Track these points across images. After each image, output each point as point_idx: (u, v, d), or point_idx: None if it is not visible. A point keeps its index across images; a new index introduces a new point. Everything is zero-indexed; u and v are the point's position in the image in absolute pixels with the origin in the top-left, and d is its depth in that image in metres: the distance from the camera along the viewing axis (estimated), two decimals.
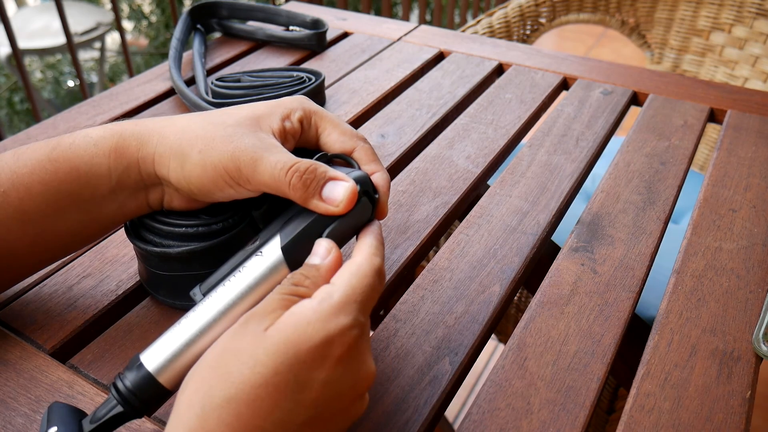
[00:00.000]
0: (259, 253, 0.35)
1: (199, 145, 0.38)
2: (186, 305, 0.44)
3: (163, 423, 0.37)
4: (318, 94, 0.70)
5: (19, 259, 0.40)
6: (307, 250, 0.35)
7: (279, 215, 0.38)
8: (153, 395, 0.32)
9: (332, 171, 0.37)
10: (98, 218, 0.41)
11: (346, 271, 0.33)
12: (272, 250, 0.35)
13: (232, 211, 0.43)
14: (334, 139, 0.41)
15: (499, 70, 0.81)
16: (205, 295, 0.35)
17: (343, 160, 0.41)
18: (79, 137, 0.40)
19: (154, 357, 0.32)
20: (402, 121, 0.68)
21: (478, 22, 1.08)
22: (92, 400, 0.38)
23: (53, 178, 0.39)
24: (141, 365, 0.32)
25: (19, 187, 0.38)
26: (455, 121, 0.68)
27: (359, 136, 0.42)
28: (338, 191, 0.36)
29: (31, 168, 0.39)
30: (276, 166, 0.36)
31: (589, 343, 0.43)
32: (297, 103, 0.42)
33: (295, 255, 0.35)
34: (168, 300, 0.45)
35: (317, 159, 0.40)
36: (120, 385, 0.32)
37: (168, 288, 0.44)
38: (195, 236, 0.42)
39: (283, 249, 0.35)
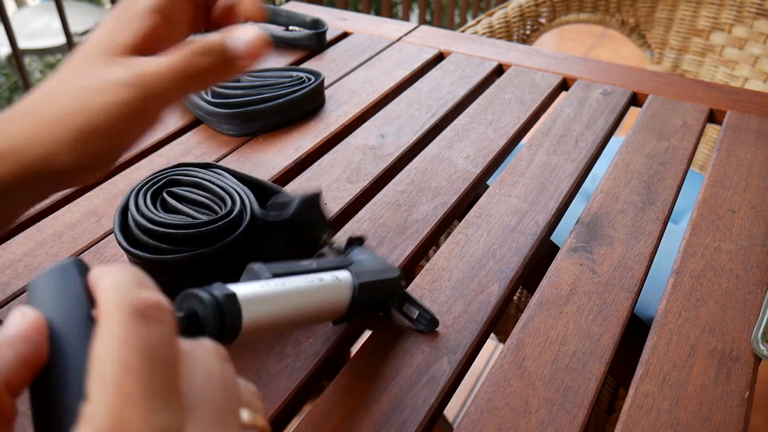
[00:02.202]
0: (336, 279, 0.38)
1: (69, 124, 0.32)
2: None
3: None
4: (318, 94, 0.70)
5: None
6: (366, 299, 0.39)
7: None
8: (232, 323, 0.31)
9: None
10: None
11: None
12: (346, 281, 0.38)
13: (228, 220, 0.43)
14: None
15: (499, 70, 0.81)
16: (274, 276, 0.35)
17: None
18: None
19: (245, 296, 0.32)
20: (401, 121, 0.68)
21: (478, 22, 1.08)
22: None
23: None
24: (234, 295, 0.31)
25: None
26: (455, 122, 0.68)
27: None
28: (246, 36, 0.34)
29: None
30: (165, 71, 0.33)
31: (588, 343, 0.43)
32: None
33: (360, 297, 0.39)
34: None
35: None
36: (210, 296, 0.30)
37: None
38: (189, 239, 0.42)
39: (358, 286, 0.39)
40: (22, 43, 2.35)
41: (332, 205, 0.56)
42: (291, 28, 0.87)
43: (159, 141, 0.65)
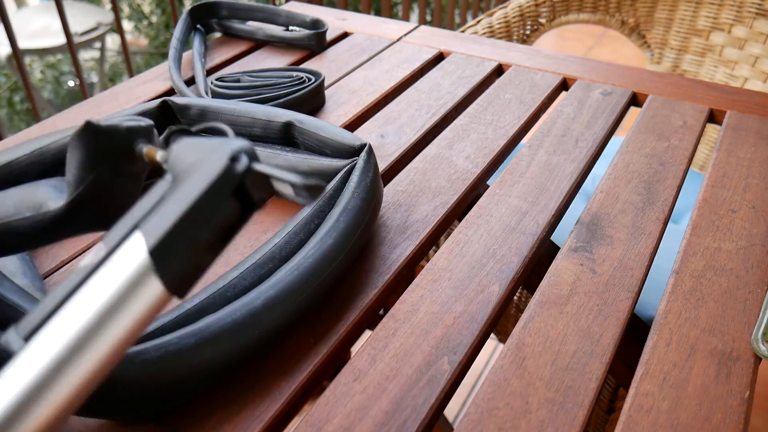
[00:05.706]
0: (108, 263, 0.23)
1: None
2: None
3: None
4: (318, 94, 0.70)
5: None
6: (187, 254, 0.22)
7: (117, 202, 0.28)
8: None
9: None
10: None
11: None
12: (133, 255, 0.22)
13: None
14: None
15: (499, 70, 0.81)
16: (27, 339, 0.22)
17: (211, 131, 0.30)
18: None
19: None
20: (401, 121, 0.68)
21: (478, 22, 1.08)
22: None
23: None
24: None
25: None
26: (455, 122, 0.68)
27: None
28: None
29: None
30: None
31: (588, 342, 0.43)
32: None
33: (170, 260, 0.22)
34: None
35: (171, 133, 0.29)
36: None
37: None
38: None
39: (152, 252, 0.22)
40: (23, 43, 2.35)
41: None
42: (291, 28, 0.87)
43: None
